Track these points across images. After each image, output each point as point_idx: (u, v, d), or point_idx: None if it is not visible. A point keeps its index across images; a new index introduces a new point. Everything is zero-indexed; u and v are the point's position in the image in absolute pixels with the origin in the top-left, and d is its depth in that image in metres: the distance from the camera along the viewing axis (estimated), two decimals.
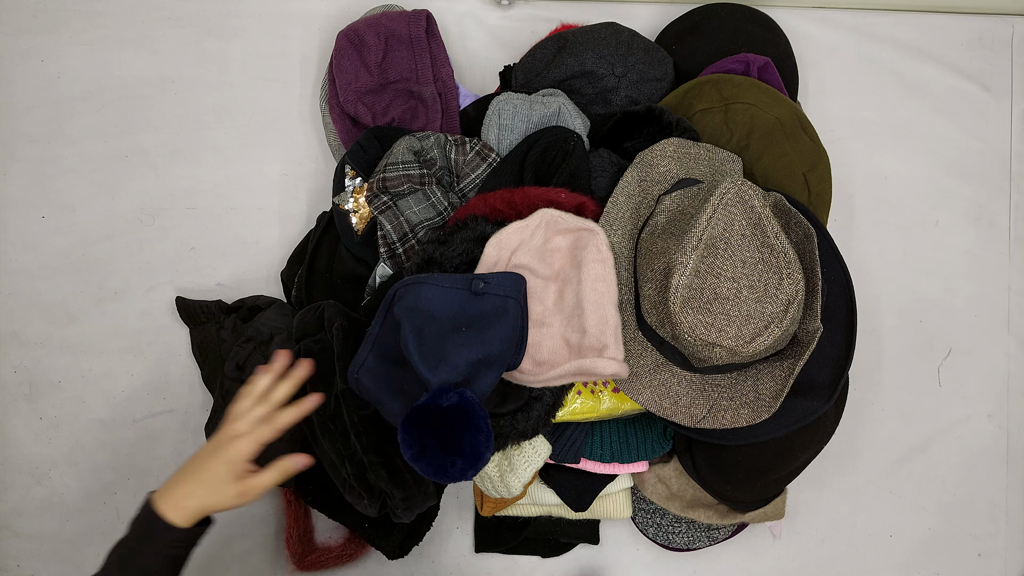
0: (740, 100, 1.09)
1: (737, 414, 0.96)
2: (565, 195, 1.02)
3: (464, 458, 0.83)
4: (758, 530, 1.21)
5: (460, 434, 0.83)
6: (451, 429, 0.83)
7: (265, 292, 1.22)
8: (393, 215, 1.06)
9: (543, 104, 1.09)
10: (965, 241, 1.27)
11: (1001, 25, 1.31)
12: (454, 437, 0.83)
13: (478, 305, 0.94)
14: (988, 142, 1.29)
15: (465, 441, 0.83)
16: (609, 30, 1.16)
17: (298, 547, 1.16)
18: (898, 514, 1.23)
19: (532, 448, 1.03)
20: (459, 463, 0.83)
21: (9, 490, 1.20)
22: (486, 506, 1.10)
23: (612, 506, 1.14)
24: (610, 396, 1.02)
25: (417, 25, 1.17)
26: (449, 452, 0.83)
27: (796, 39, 1.26)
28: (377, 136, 1.12)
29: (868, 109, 1.29)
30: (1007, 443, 1.25)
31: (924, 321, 1.26)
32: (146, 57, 1.26)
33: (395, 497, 0.97)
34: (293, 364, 0.95)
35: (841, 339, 1.00)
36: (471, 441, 0.83)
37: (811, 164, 1.10)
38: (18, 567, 1.19)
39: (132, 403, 1.21)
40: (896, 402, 1.25)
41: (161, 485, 0.86)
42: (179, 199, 1.24)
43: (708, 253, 0.92)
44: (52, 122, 1.24)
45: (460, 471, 0.83)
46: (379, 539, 1.09)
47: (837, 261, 1.02)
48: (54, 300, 1.22)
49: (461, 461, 0.83)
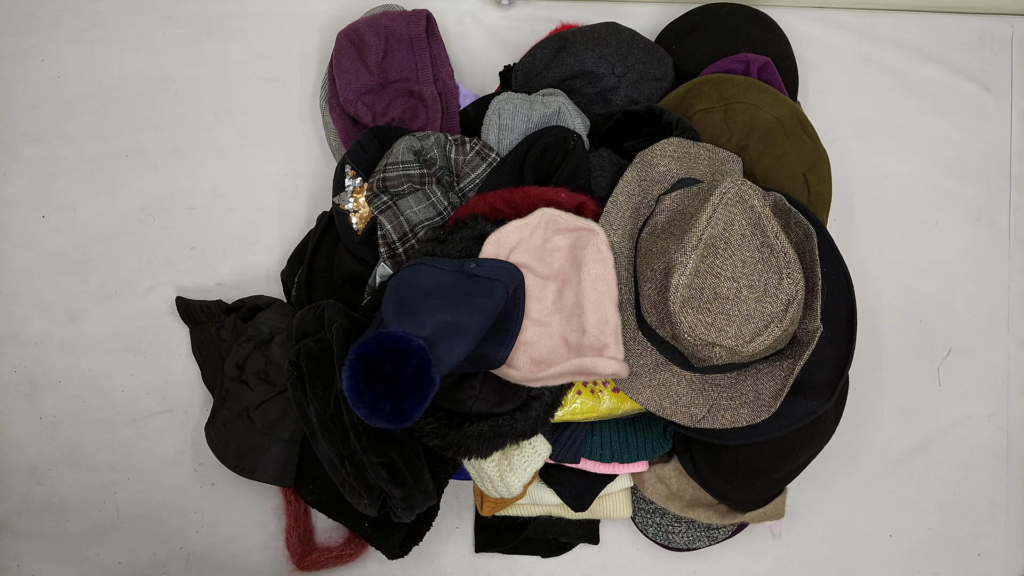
0: (740, 100, 1.09)
1: (737, 414, 0.96)
2: (565, 195, 1.02)
3: (392, 403, 0.82)
4: (758, 530, 1.21)
5: (398, 379, 0.82)
6: (393, 372, 0.82)
7: (265, 292, 1.22)
8: (393, 215, 1.06)
9: (543, 104, 1.09)
10: (965, 241, 1.27)
11: (1001, 25, 1.31)
12: (393, 381, 0.82)
13: (468, 285, 0.94)
14: (988, 142, 1.29)
15: (405, 388, 0.82)
16: (609, 30, 1.16)
17: (298, 547, 1.16)
18: (898, 514, 1.23)
19: (532, 448, 1.03)
20: (387, 407, 0.82)
21: (9, 490, 1.20)
22: (486, 506, 1.10)
23: (612, 506, 1.14)
24: (610, 396, 1.02)
25: (417, 25, 1.17)
26: (381, 396, 0.82)
27: (796, 39, 1.26)
28: (377, 136, 1.12)
29: (868, 109, 1.29)
30: (1007, 443, 1.25)
31: (924, 321, 1.26)
32: (146, 57, 1.26)
33: (395, 497, 0.97)
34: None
35: (841, 339, 1.00)
36: (412, 393, 0.82)
37: (811, 164, 1.09)
38: (18, 567, 1.19)
39: (132, 403, 1.21)
40: (896, 402, 1.25)
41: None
42: (179, 199, 1.24)
43: (708, 253, 0.92)
44: (52, 122, 1.24)
45: (388, 415, 0.82)
46: (379, 539, 1.09)
47: (837, 261, 1.02)
48: (54, 300, 1.22)
49: (389, 405, 0.82)
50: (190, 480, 1.20)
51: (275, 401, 1.07)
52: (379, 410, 0.82)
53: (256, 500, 1.20)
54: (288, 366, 0.99)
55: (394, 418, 0.83)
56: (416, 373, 0.83)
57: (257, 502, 1.20)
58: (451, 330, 0.88)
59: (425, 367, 0.83)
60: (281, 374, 1.07)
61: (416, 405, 0.83)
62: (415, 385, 0.83)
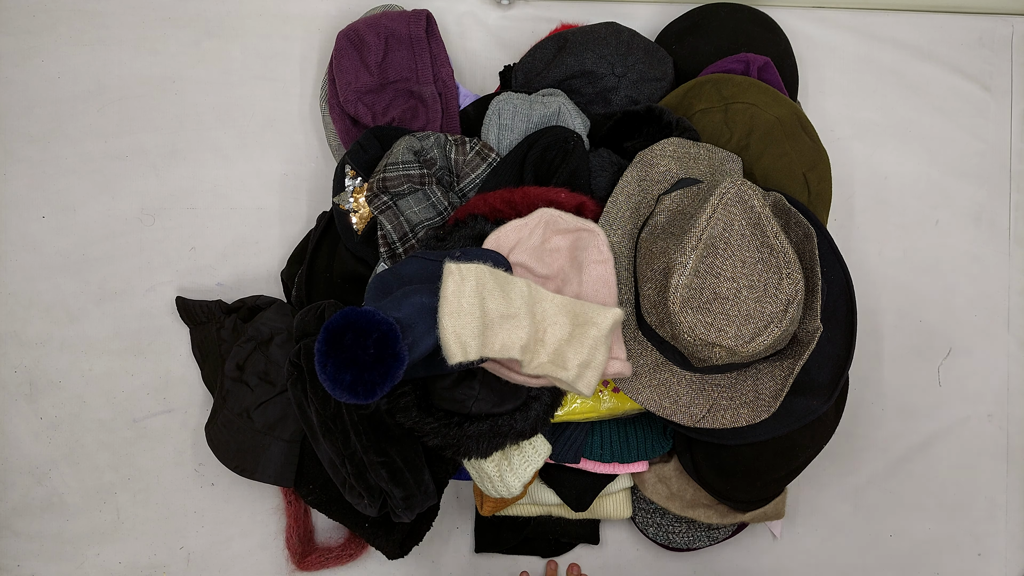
0: (740, 100, 1.09)
1: (737, 414, 0.96)
2: (565, 195, 1.02)
3: (353, 375, 0.82)
4: (758, 530, 1.21)
5: (357, 350, 0.82)
6: (353, 343, 0.82)
7: (265, 292, 1.22)
8: (393, 215, 1.06)
9: (543, 104, 1.10)
10: (965, 241, 1.27)
11: (1001, 25, 1.31)
12: (352, 351, 0.82)
13: None
14: (988, 142, 1.29)
15: (366, 360, 0.82)
16: (609, 30, 1.16)
17: (298, 547, 1.16)
18: (898, 514, 1.23)
19: (532, 448, 1.03)
20: (347, 378, 0.82)
21: (9, 490, 1.20)
22: (486, 506, 1.10)
23: (612, 506, 1.14)
24: (610, 396, 1.02)
25: (417, 25, 1.17)
26: (341, 367, 0.82)
27: (796, 39, 1.26)
28: (377, 136, 1.12)
29: (868, 109, 1.29)
30: (1007, 443, 1.25)
31: (924, 321, 1.26)
32: (146, 57, 1.26)
33: (395, 497, 0.97)
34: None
35: (841, 339, 1.00)
36: (374, 365, 0.82)
37: (811, 164, 1.10)
38: (18, 567, 1.19)
39: (132, 403, 1.21)
40: (896, 402, 1.25)
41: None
42: (179, 199, 1.24)
43: (708, 253, 0.92)
44: (52, 122, 1.24)
45: (348, 386, 0.82)
46: (379, 539, 1.09)
47: (837, 261, 1.02)
48: (54, 300, 1.22)
49: (350, 376, 0.82)
50: (190, 480, 1.20)
51: (275, 401, 1.07)
52: (340, 381, 0.82)
53: (256, 500, 1.20)
54: (288, 366, 0.99)
55: (355, 390, 0.82)
56: (379, 345, 0.82)
57: (257, 502, 1.20)
58: (429, 313, 0.88)
59: (389, 341, 0.82)
60: (281, 374, 1.07)
61: (379, 379, 0.82)
62: (378, 358, 0.82)
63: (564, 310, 0.92)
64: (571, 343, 0.90)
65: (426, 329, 0.87)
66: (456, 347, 0.86)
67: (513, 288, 0.90)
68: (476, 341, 0.86)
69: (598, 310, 0.91)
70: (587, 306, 0.92)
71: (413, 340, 0.85)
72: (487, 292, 0.88)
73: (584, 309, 0.92)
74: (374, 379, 0.82)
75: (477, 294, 0.87)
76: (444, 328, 0.86)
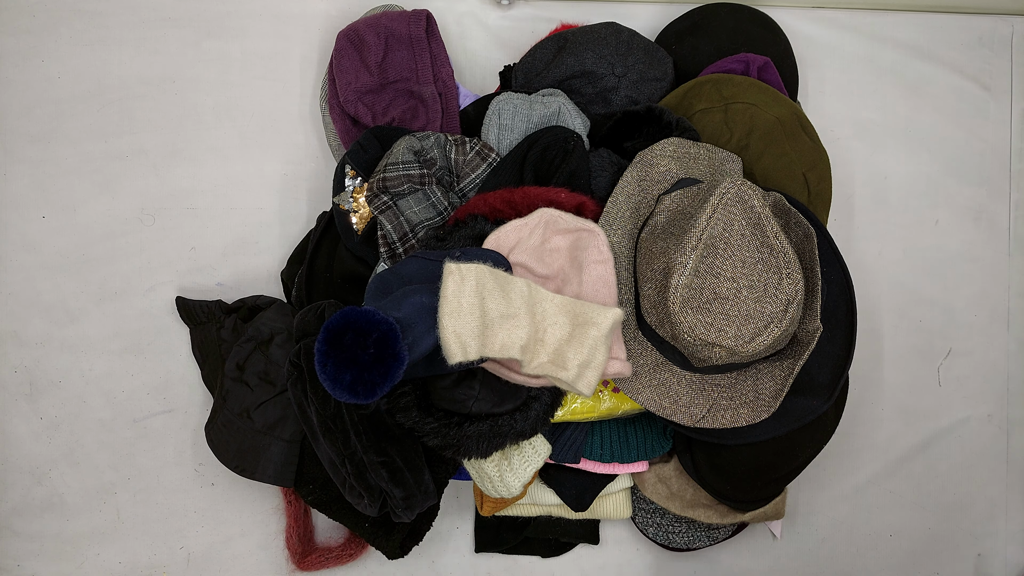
0: (740, 100, 1.09)
1: (737, 414, 0.96)
2: (565, 195, 1.02)
3: (353, 374, 0.82)
4: (758, 530, 1.21)
5: (357, 350, 0.82)
6: (353, 343, 0.82)
7: (265, 292, 1.22)
8: (393, 215, 1.07)
9: (543, 104, 1.10)
10: (965, 241, 1.27)
11: (1001, 25, 1.31)
12: (352, 351, 0.82)
13: None
14: (988, 141, 1.29)
15: (366, 360, 0.82)
16: (609, 30, 1.16)
17: (298, 547, 1.16)
18: (898, 514, 1.23)
19: (532, 448, 1.03)
20: (347, 377, 0.82)
21: (9, 490, 1.20)
22: (486, 506, 1.10)
23: (612, 506, 1.14)
24: (610, 396, 1.02)
25: (417, 25, 1.17)
26: (341, 366, 0.82)
27: (796, 39, 1.26)
28: (377, 136, 1.12)
29: (868, 109, 1.29)
30: (1007, 443, 1.25)
31: (924, 321, 1.26)
32: (146, 57, 1.26)
33: (395, 497, 0.97)
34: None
35: (841, 339, 1.00)
36: (374, 365, 0.82)
37: (811, 164, 1.10)
38: (18, 567, 1.19)
39: (132, 403, 1.21)
40: (896, 402, 1.25)
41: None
42: (179, 199, 1.24)
43: (708, 253, 0.92)
44: (52, 122, 1.24)
45: (348, 386, 0.82)
46: (379, 539, 1.09)
47: (837, 261, 1.02)
48: (54, 300, 1.22)
49: (350, 376, 0.82)
50: (190, 480, 1.20)
51: (275, 401, 1.07)
52: (340, 381, 0.82)
53: (256, 500, 1.20)
54: (288, 366, 0.99)
55: (355, 390, 0.82)
56: (379, 345, 0.82)
57: (257, 502, 1.20)
58: (429, 312, 0.88)
59: (389, 341, 0.82)
60: (281, 374, 1.07)
61: (379, 379, 0.82)
62: (378, 358, 0.82)
63: (564, 310, 0.92)
64: (571, 343, 0.90)
65: (426, 329, 0.87)
66: (456, 347, 0.86)
67: (513, 288, 0.90)
68: (476, 341, 0.86)
69: (598, 310, 0.92)
70: (587, 306, 0.92)
71: (413, 340, 0.85)
72: (487, 292, 0.88)
73: (584, 309, 0.92)
74: (374, 379, 0.82)
75: (477, 294, 0.87)
76: (444, 328, 0.86)
